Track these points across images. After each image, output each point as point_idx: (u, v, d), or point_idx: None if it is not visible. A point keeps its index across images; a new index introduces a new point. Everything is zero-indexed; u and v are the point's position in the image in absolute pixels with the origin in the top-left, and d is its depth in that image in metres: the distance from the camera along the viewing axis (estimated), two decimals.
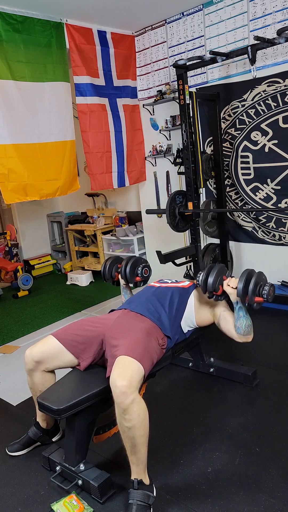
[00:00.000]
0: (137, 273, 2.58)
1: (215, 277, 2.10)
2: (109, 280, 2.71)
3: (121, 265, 2.62)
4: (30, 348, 1.98)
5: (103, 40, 4.05)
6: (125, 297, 2.66)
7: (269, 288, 2.01)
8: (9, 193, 3.52)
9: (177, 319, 2.13)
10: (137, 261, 2.62)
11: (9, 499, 1.85)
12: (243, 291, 2.01)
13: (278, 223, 3.64)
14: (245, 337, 2.10)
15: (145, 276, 2.60)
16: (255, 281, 2.02)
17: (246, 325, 2.07)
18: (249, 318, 2.09)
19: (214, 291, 2.10)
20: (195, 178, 3.50)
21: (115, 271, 2.68)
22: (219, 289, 2.11)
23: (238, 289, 2.02)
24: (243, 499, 1.71)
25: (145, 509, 1.64)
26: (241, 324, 2.07)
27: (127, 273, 2.56)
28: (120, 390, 1.56)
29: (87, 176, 4.58)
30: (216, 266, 2.16)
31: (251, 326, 2.09)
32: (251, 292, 2.00)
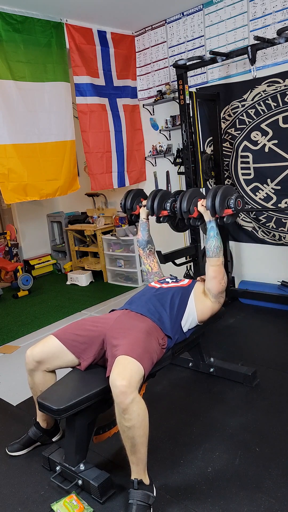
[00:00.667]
0: (165, 207, 2.46)
1: (188, 199, 2.18)
2: (128, 212, 2.61)
3: (149, 196, 2.48)
4: (31, 348, 1.98)
5: (103, 40, 4.05)
6: (143, 234, 2.55)
7: (235, 198, 2.08)
8: (9, 193, 3.52)
9: (178, 319, 2.12)
10: (166, 195, 2.48)
11: (9, 499, 1.85)
12: (211, 204, 2.09)
13: (278, 223, 3.64)
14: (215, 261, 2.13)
15: (173, 211, 2.43)
16: (221, 194, 2.08)
17: (215, 246, 2.13)
18: (219, 239, 2.15)
19: (190, 214, 2.17)
20: (195, 178, 3.50)
21: (137, 204, 2.58)
22: (194, 211, 2.18)
23: (207, 204, 2.10)
24: (243, 499, 1.71)
25: (145, 509, 1.64)
26: (210, 245, 2.12)
27: (155, 204, 2.42)
28: (120, 390, 1.56)
29: (87, 176, 4.58)
30: (189, 190, 2.24)
31: (220, 248, 2.14)
32: (219, 205, 2.07)
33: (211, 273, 2.16)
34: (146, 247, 2.55)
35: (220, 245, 2.15)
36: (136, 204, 2.59)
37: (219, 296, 2.19)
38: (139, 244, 2.58)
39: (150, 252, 2.56)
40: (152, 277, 2.50)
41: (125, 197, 2.62)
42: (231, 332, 3.33)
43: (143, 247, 2.56)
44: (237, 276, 4.08)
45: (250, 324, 3.47)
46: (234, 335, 3.28)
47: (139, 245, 2.58)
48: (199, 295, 2.21)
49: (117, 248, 5.13)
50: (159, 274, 2.51)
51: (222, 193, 2.09)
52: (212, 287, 2.16)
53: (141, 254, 2.59)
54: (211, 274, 2.16)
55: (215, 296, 2.17)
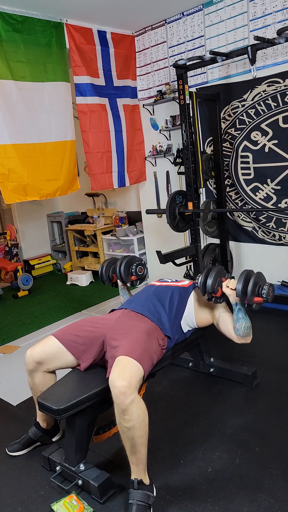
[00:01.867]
0: (132, 272, 2.56)
1: (213, 279, 2.08)
2: (107, 282, 2.68)
3: (116, 266, 2.58)
4: (30, 348, 1.98)
5: (103, 40, 4.05)
6: (124, 298, 2.65)
7: (268, 288, 2.00)
8: (9, 193, 3.52)
9: (177, 319, 2.13)
10: (131, 260, 2.59)
11: (9, 499, 1.85)
12: (242, 291, 2.00)
13: (278, 223, 3.64)
14: (244, 338, 2.10)
15: (139, 274, 2.57)
16: (254, 281, 2.01)
17: (246, 327, 2.07)
18: (248, 319, 2.09)
19: (213, 293, 2.09)
20: (195, 178, 3.50)
21: (113, 272, 2.65)
22: (218, 291, 2.10)
23: (237, 290, 2.01)
24: (243, 499, 1.71)
25: (145, 509, 1.64)
26: (240, 326, 2.07)
27: (122, 273, 2.53)
28: (120, 391, 1.57)
29: (87, 176, 4.58)
30: (214, 268, 2.15)
31: (250, 328, 2.09)
32: (250, 293, 1.99)
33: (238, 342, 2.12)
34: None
35: (250, 325, 2.08)
36: (112, 273, 2.64)
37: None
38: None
39: None
40: None
41: (100, 269, 2.66)
42: None
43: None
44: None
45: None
46: None
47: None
48: (199, 306, 2.22)
49: (117, 248, 5.13)
50: None
51: (255, 280, 2.01)
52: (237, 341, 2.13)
53: None
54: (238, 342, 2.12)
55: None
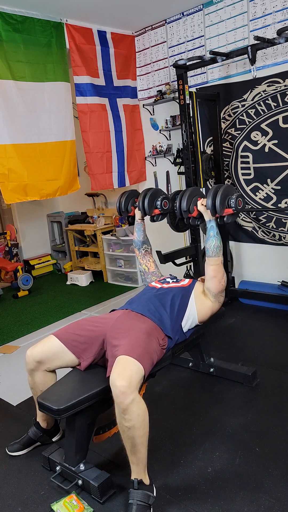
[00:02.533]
0: (156, 205, 2.42)
1: (188, 198, 2.18)
2: (124, 215, 2.59)
3: (139, 197, 2.46)
4: (31, 348, 1.98)
5: (103, 40, 4.05)
6: (138, 234, 2.54)
7: (236, 198, 2.08)
8: (9, 193, 3.52)
9: (178, 320, 2.12)
10: (156, 193, 2.44)
11: (9, 499, 1.85)
12: (212, 204, 2.08)
13: (278, 223, 3.64)
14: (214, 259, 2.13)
15: (164, 209, 2.42)
16: (222, 193, 2.07)
17: (215, 245, 2.13)
18: (219, 238, 2.15)
19: (190, 213, 2.16)
20: (195, 178, 3.50)
21: (132, 205, 2.55)
22: (194, 211, 2.18)
23: (207, 203, 2.09)
24: (243, 499, 1.71)
25: (145, 509, 1.64)
26: (210, 245, 2.12)
27: (146, 204, 2.38)
28: (120, 390, 1.56)
29: (87, 176, 4.58)
30: (189, 189, 2.23)
31: (220, 247, 2.14)
32: (220, 205, 2.06)
33: (210, 272, 2.16)
34: (142, 247, 2.55)
35: (220, 245, 2.15)
36: (131, 205, 2.57)
37: (219, 296, 2.19)
38: (135, 245, 2.58)
39: (146, 252, 2.55)
40: (149, 277, 2.50)
41: (119, 199, 2.59)
42: (231, 332, 3.33)
43: (138, 247, 2.56)
44: (237, 276, 4.08)
45: (250, 324, 3.46)
46: (234, 335, 3.28)
47: (134, 246, 2.59)
48: (199, 295, 2.21)
49: (117, 248, 5.13)
50: (156, 273, 2.51)
51: (223, 192, 2.09)
52: (212, 286, 2.16)
53: (137, 254, 2.59)
54: (210, 273, 2.16)
55: (215, 296, 2.18)
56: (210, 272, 2.16)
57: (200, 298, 2.20)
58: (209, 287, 2.17)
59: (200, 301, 2.19)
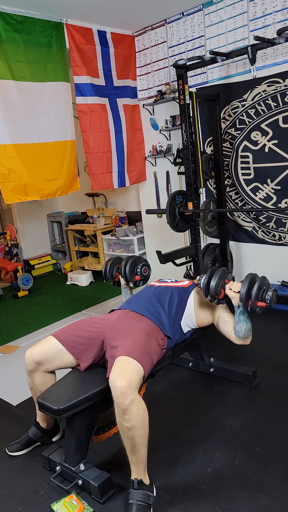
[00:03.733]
0: (137, 272, 2.60)
1: (217, 281, 2.07)
2: (110, 281, 2.73)
3: (121, 265, 2.63)
4: (30, 349, 1.98)
5: (103, 40, 4.05)
6: (126, 297, 2.66)
7: (272, 293, 2.01)
8: (9, 193, 3.52)
9: (177, 319, 2.13)
10: (137, 260, 2.64)
11: (9, 499, 1.85)
12: (246, 295, 2.00)
13: (278, 223, 3.64)
14: (244, 340, 2.10)
15: (144, 275, 2.61)
16: (258, 285, 2.00)
17: (246, 329, 2.08)
18: (249, 322, 2.09)
19: (216, 295, 2.09)
20: (195, 178, 3.50)
21: (116, 271, 2.69)
22: (221, 293, 2.10)
23: (241, 294, 2.00)
24: (243, 499, 1.71)
25: (145, 509, 1.64)
26: (241, 328, 2.07)
27: (127, 272, 2.58)
28: (120, 391, 1.56)
29: (87, 176, 4.58)
30: (218, 270, 2.14)
31: (250, 330, 2.10)
32: (254, 297, 1.99)
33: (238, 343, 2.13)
34: None
35: (250, 327, 2.08)
36: (115, 272, 2.69)
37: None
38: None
39: None
40: None
41: (104, 267, 2.72)
42: None
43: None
44: (237, 276, 4.08)
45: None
46: None
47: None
48: (199, 306, 2.21)
49: (117, 248, 5.13)
50: None
51: (259, 285, 2.00)
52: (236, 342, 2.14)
53: None
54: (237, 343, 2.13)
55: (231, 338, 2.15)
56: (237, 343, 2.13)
57: (203, 310, 2.21)
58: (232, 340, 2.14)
59: (201, 312, 2.20)
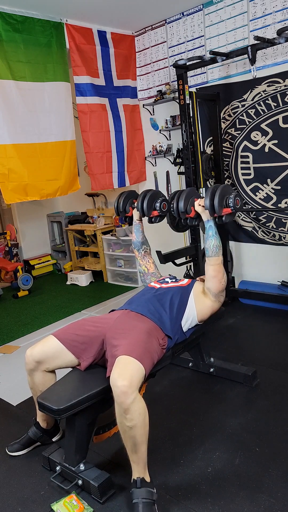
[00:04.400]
0: (155, 207, 2.43)
1: (185, 199, 2.19)
2: (121, 215, 2.59)
3: (138, 198, 2.46)
4: (30, 348, 1.98)
5: (103, 40, 4.05)
6: (137, 235, 2.55)
7: (234, 197, 2.08)
8: (9, 193, 3.52)
9: (178, 319, 2.12)
10: (156, 195, 2.45)
11: (9, 499, 1.85)
12: (210, 204, 2.08)
13: (278, 223, 3.64)
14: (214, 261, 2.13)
15: (163, 211, 2.42)
16: (220, 193, 2.08)
17: (214, 245, 2.13)
18: (218, 237, 2.15)
19: (187, 214, 2.17)
20: (195, 178, 3.50)
21: (130, 206, 2.55)
22: (192, 211, 2.18)
23: (206, 204, 2.10)
24: (243, 499, 1.71)
25: (151, 505, 1.65)
26: (209, 245, 2.12)
27: (145, 206, 2.39)
28: (121, 390, 1.57)
29: (87, 176, 4.58)
30: (185, 189, 2.24)
31: (219, 247, 2.14)
32: (218, 204, 2.06)
33: (211, 272, 2.16)
34: (141, 248, 2.55)
35: (219, 244, 2.15)
36: (129, 206, 2.57)
37: (219, 295, 2.19)
38: (134, 246, 2.57)
39: (145, 253, 2.55)
40: (149, 278, 2.50)
41: (117, 199, 2.59)
42: (231, 332, 3.33)
43: (137, 248, 2.56)
44: (237, 276, 4.08)
45: (250, 324, 3.47)
46: (234, 335, 3.28)
47: (134, 247, 2.58)
48: (198, 294, 2.21)
49: (117, 248, 5.13)
50: (156, 274, 2.50)
51: (221, 192, 2.09)
52: (212, 286, 2.16)
53: (136, 255, 2.59)
54: (211, 273, 2.16)
55: (215, 295, 2.18)
56: (210, 272, 2.16)
57: (200, 298, 2.20)
58: (209, 287, 2.17)
59: (200, 300, 2.19)
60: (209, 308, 2.20)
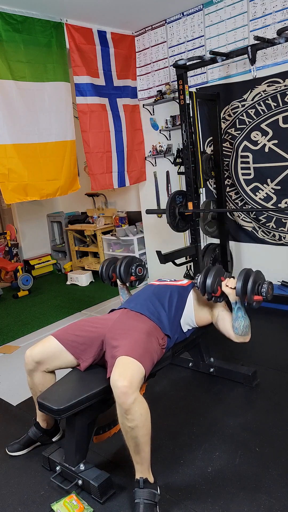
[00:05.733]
0: (131, 272, 2.59)
1: (213, 278, 2.09)
2: (107, 281, 2.71)
3: (116, 266, 2.61)
4: (30, 348, 1.98)
5: (103, 40, 4.05)
6: (123, 297, 2.67)
7: (267, 286, 2.01)
8: (9, 193, 3.52)
9: (176, 318, 2.13)
10: (131, 261, 2.62)
11: (9, 499, 1.85)
12: (242, 290, 2.01)
13: (278, 223, 3.64)
14: (243, 337, 2.11)
15: (139, 275, 2.60)
16: (253, 280, 2.02)
17: (245, 326, 2.08)
18: (247, 318, 2.09)
19: (213, 293, 2.10)
20: (195, 178, 3.50)
21: (113, 271, 2.67)
22: (218, 291, 2.11)
23: (237, 289, 2.01)
24: (243, 499, 1.71)
25: (152, 507, 1.64)
26: (239, 325, 2.07)
27: (122, 273, 2.56)
28: (121, 391, 1.57)
29: (87, 176, 4.58)
30: (213, 268, 2.16)
31: (249, 327, 2.10)
32: (250, 291, 2.00)
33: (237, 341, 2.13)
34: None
35: (249, 324, 2.09)
36: (112, 272, 2.66)
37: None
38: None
39: None
40: None
41: (101, 268, 2.70)
42: None
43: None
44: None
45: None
46: None
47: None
48: (201, 304, 2.22)
49: (117, 248, 5.13)
50: None
51: (254, 279, 2.01)
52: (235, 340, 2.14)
53: None
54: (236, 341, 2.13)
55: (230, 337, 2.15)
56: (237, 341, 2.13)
57: (202, 309, 2.21)
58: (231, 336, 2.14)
59: (202, 311, 2.21)
60: (207, 321, 2.23)
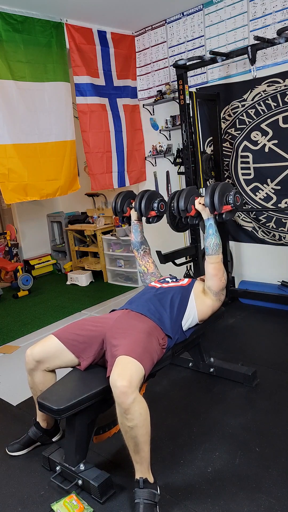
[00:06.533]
0: (153, 207, 2.45)
1: (185, 197, 2.20)
2: (119, 215, 2.58)
3: (136, 198, 2.47)
4: (30, 347, 1.98)
5: (103, 40, 4.05)
6: (135, 235, 2.54)
7: (234, 194, 2.08)
8: (9, 193, 3.52)
9: (178, 319, 2.12)
10: (153, 195, 2.47)
11: (9, 499, 1.85)
12: (210, 201, 2.09)
13: (278, 223, 3.64)
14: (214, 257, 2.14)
15: (161, 211, 2.45)
16: (219, 190, 2.08)
17: (214, 243, 2.14)
18: (218, 236, 2.16)
19: (187, 212, 2.18)
20: (195, 178, 3.50)
21: (127, 206, 2.54)
22: (192, 210, 2.19)
23: (206, 201, 2.11)
24: (243, 499, 1.71)
25: (152, 507, 1.64)
26: (209, 243, 2.13)
27: (143, 206, 2.41)
28: (121, 390, 1.56)
29: (87, 176, 4.58)
30: (186, 188, 2.25)
31: (219, 245, 2.15)
32: (218, 201, 2.07)
33: (211, 270, 2.16)
34: (140, 248, 2.54)
35: (219, 242, 2.16)
36: (127, 206, 2.55)
37: (220, 294, 2.19)
38: (133, 246, 2.57)
39: (144, 253, 2.54)
40: (149, 277, 2.49)
41: (115, 199, 2.57)
42: (231, 332, 3.33)
43: (137, 248, 2.55)
44: (237, 276, 4.08)
45: (250, 324, 3.47)
46: (234, 335, 3.28)
47: (133, 247, 2.57)
48: (199, 294, 2.21)
49: (117, 248, 5.13)
50: (155, 274, 2.50)
51: (221, 189, 2.09)
52: (213, 284, 2.16)
53: (136, 255, 2.58)
54: (211, 271, 2.16)
55: (216, 294, 2.18)
56: (210, 271, 2.16)
57: (200, 297, 2.20)
58: (210, 285, 2.17)
59: (201, 300, 2.19)
60: (209, 307, 2.20)
